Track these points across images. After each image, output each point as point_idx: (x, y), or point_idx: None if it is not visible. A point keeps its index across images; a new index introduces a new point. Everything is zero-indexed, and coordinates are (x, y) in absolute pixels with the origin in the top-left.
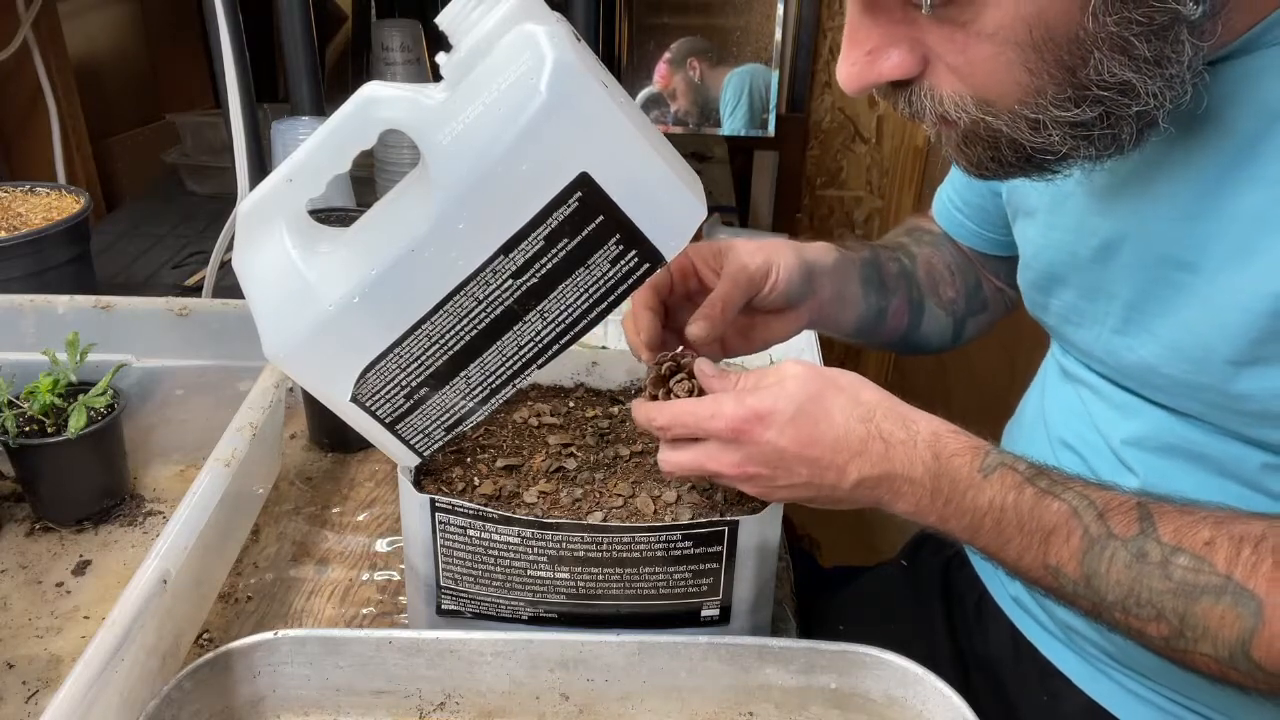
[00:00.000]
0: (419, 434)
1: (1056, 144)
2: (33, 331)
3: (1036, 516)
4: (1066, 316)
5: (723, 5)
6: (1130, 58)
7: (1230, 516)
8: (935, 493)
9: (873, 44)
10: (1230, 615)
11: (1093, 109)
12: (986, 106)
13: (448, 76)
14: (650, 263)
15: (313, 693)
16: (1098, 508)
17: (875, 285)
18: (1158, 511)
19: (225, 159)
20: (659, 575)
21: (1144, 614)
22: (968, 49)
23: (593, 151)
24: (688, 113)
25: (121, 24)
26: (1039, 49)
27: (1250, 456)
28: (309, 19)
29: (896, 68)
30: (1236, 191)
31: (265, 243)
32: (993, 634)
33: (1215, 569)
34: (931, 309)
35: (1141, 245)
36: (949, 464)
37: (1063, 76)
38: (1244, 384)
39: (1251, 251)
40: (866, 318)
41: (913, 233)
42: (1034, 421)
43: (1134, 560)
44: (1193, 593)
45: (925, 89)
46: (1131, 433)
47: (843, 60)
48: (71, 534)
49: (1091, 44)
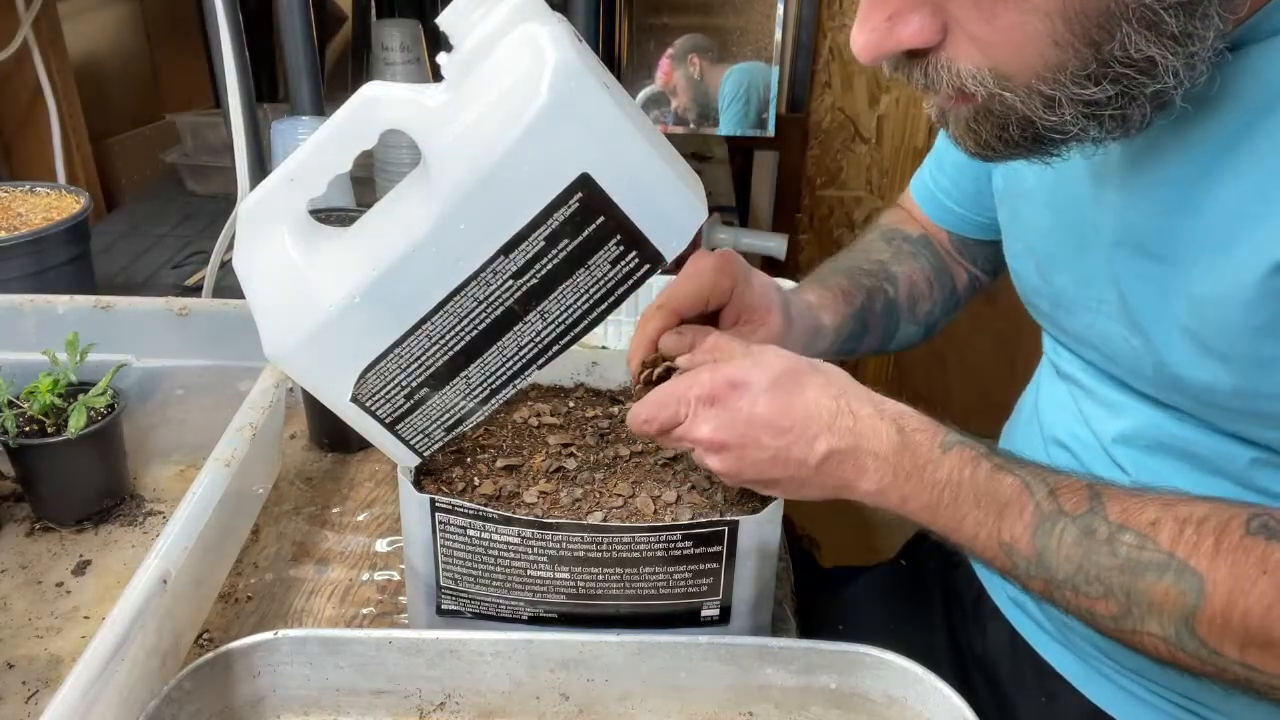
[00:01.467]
0: (419, 434)
1: (1068, 123)
2: (33, 331)
3: (990, 490)
4: (1059, 302)
5: (723, 5)
6: (1157, 33)
7: (1177, 500)
8: (898, 469)
9: (893, 8)
10: (1174, 591)
11: (1111, 87)
12: (1004, 81)
13: (449, 77)
14: (651, 264)
15: (313, 693)
16: (1049, 485)
17: (857, 335)
18: (1106, 492)
19: (225, 159)
20: (659, 575)
21: (1093, 591)
22: (994, 16)
23: (594, 152)
24: (687, 110)
25: (121, 24)
26: (1068, 20)
27: (1239, 453)
28: (309, 19)
29: (917, 34)
30: (1217, 184)
31: (266, 242)
32: (991, 634)
33: (1159, 546)
34: (905, 327)
35: (1122, 235)
36: (911, 439)
37: (1088, 52)
38: (1226, 380)
39: (1229, 245)
40: (832, 351)
41: (891, 241)
42: (1029, 420)
43: (1082, 536)
44: (1137, 569)
45: (943, 60)
46: (1121, 430)
47: (860, 25)
48: (71, 534)
49: (1121, 17)
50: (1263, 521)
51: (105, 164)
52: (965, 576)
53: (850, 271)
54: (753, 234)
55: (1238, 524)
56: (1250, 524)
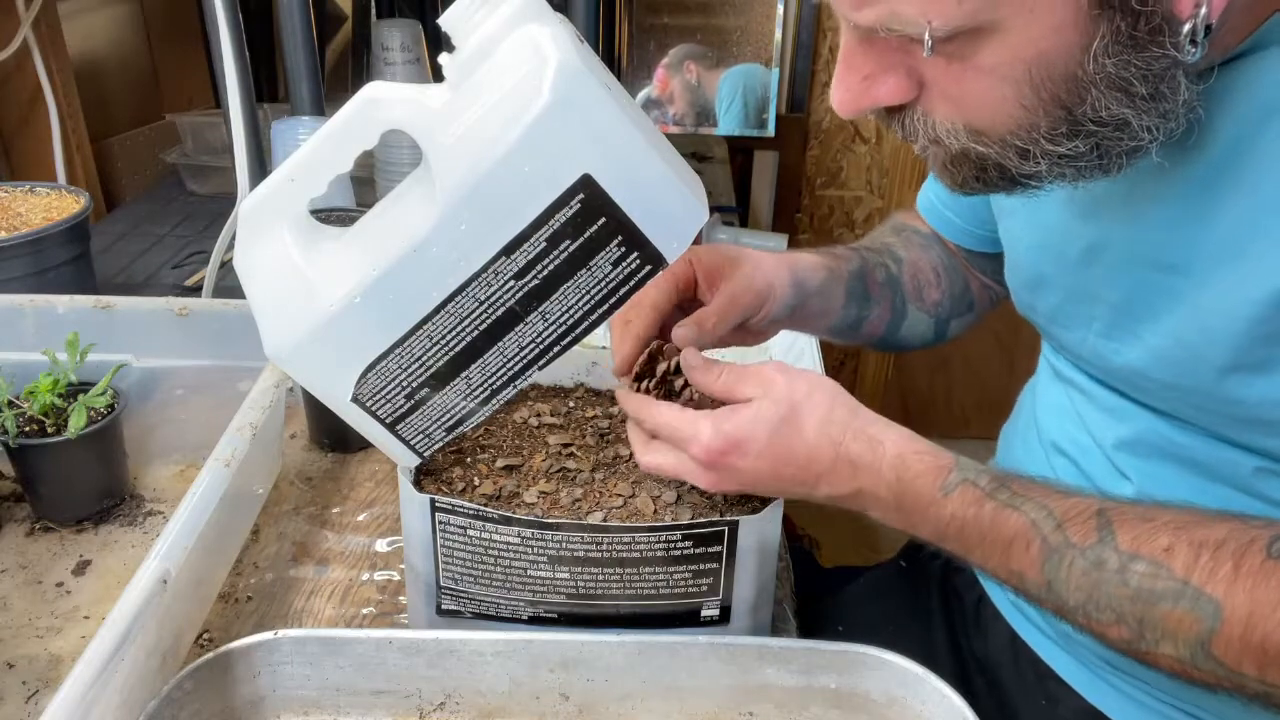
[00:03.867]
0: (419, 434)
1: (1044, 172)
2: (33, 331)
3: (996, 529)
4: (1053, 317)
5: (723, 5)
6: (1128, 95)
7: (1193, 521)
8: (900, 509)
9: (869, 70)
10: (1189, 618)
11: (1085, 142)
12: (978, 135)
13: (450, 77)
14: (652, 265)
15: (313, 693)
16: (1056, 518)
17: (859, 297)
18: (1118, 519)
19: (225, 159)
20: (659, 575)
21: (1104, 618)
22: (964, 81)
23: (595, 154)
24: (684, 115)
25: (121, 24)
26: (1036, 87)
27: (1243, 461)
28: (309, 19)
29: (892, 93)
30: (1222, 196)
31: (267, 242)
32: (991, 636)
33: (1173, 574)
34: (914, 313)
35: (1127, 249)
36: (912, 485)
37: (1058, 113)
38: (1232, 389)
39: (1238, 256)
40: (843, 326)
41: (901, 233)
42: (1027, 426)
43: (1092, 568)
44: (1150, 598)
45: (919, 113)
46: (1122, 436)
47: (837, 84)
48: (71, 534)
49: (1089, 83)
50: None
51: (105, 164)
52: (966, 578)
53: (850, 246)
54: (753, 234)
55: (1258, 547)
56: (1272, 547)
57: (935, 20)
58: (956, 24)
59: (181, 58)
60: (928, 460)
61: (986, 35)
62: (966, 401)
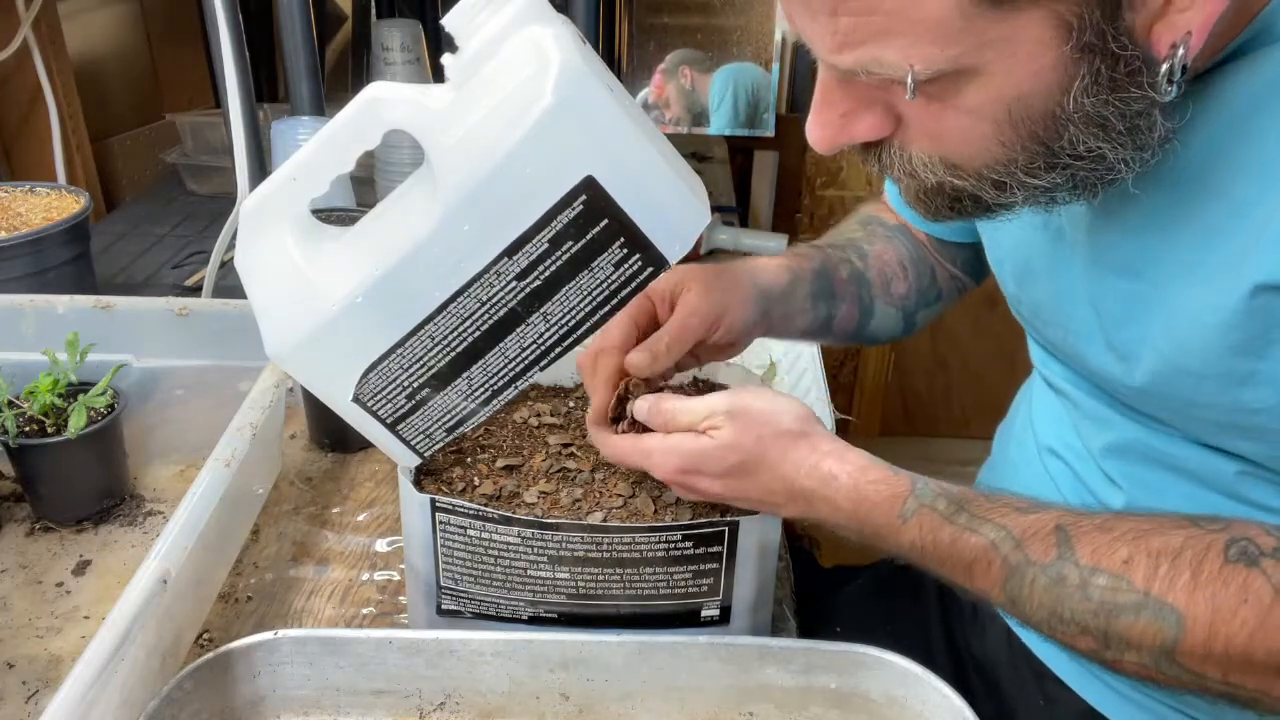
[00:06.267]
0: (420, 434)
1: (1019, 202)
2: (33, 331)
3: (956, 552)
4: (1037, 312)
5: (723, 5)
6: (1105, 131)
7: (1150, 529)
8: (862, 533)
9: (846, 107)
10: (1152, 628)
11: (1061, 175)
12: (955, 169)
13: (453, 78)
14: (654, 267)
15: (313, 693)
16: (1015, 537)
17: (825, 296)
18: (1076, 532)
19: (225, 159)
20: (659, 575)
21: (1070, 631)
22: (943, 119)
23: (598, 155)
24: (680, 119)
25: (121, 24)
26: (1015, 125)
27: (1225, 466)
28: (309, 19)
29: (870, 130)
30: (1190, 204)
31: (268, 241)
32: (989, 636)
33: (1134, 586)
34: (881, 307)
35: (1094, 255)
36: (869, 516)
37: (1036, 148)
38: (1204, 395)
39: (1201, 264)
40: (813, 327)
41: (867, 225)
42: (1023, 428)
43: (1053, 584)
44: (1113, 611)
45: (895, 148)
46: (1109, 443)
47: (814, 120)
48: (71, 534)
49: (1068, 120)
50: (1241, 548)
51: (105, 164)
52: None
53: (813, 244)
54: (753, 234)
55: (1215, 553)
56: (1229, 551)
57: (918, 65)
58: (939, 68)
59: (181, 58)
60: (883, 490)
61: (968, 78)
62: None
